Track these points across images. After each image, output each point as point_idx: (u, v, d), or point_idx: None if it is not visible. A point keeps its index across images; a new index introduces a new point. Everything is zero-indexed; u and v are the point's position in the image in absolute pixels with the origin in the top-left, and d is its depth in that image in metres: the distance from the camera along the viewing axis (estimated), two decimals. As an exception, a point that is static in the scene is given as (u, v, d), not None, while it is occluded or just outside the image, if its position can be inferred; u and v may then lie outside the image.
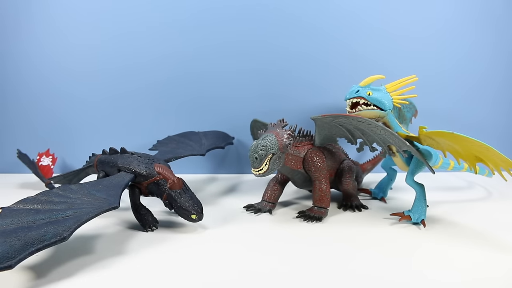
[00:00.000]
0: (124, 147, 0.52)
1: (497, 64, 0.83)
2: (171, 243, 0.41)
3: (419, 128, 0.46)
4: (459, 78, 0.83)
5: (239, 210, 0.54)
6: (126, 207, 0.49)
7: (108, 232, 0.45)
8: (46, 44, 0.76)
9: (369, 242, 0.42)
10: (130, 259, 0.37)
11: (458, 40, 0.81)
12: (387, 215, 0.51)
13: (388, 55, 0.79)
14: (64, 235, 0.32)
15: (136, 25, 0.76)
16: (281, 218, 0.51)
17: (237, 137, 0.76)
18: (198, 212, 0.44)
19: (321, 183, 0.51)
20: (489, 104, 0.84)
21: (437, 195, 0.62)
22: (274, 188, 0.55)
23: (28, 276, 0.33)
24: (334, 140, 0.53)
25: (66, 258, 0.37)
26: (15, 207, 0.36)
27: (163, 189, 0.45)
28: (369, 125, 0.46)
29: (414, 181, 0.50)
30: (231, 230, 0.45)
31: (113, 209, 0.38)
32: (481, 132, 0.82)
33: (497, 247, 0.41)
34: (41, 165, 0.69)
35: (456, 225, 0.48)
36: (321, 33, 0.78)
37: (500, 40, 0.82)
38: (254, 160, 0.46)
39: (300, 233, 0.45)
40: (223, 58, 0.77)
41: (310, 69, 0.79)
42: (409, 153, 0.50)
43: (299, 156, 0.52)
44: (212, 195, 0.63)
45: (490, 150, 0.41)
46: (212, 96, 0.79)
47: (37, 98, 0.77)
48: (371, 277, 0.34)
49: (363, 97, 0.49)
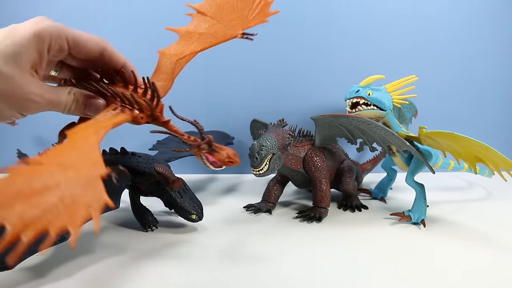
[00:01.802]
0: (124, 147, 0.52)
1: (498, 64, 0.83)
2: (171, 243, 0.41)
3: (419, 128, 0.46)
4: (459, 78, 0.83)
5: (239, 210, 0.54)
6: (126, 207, 0.49)
7: (108, 232, 0.45)
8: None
9: (369, 242, 0.42)
10: (130, 259, 0.37)
11: (460, 41, 0.81)
12: (387, 215, 0.51)
13: (388, 55, 0.79)
14: (64, 235, 0.32)
15: (136, 24, 0.76)
16: (281, 218, 0.51)
17: (237, 137, 0.76)
18: (198, 212, 0.44)
19: (321, 183, 0.51)
20: (489, 104, 0.84)
21: (437, 195, 0.62)
22: (274, 188, 0.55)
23: (28, 276, 0.33)
24: (334, 140, 0.53)
25: (66, 258, 0.37)
26: (15, 207, 0.36)
27: (163, 189, 0.45)
28: (369, 125, 0.46)
29: (414, 181, 0.50)
30: (231, 230, 0.45)
31: (112, 209, 0.38)
32: (481, 132, 0.82)
33: (497, 247, 0.41)
34: (41, 165, 0.68)
35: (456, 225, 0.48)
36: (321, 33, 0.78)
37: (502, 41, 0.82)
38: (254, 160, 0.46)
39: (300, 233, 0.45)
40: (223, 58, 0.77)
41: (311, 69, 0.79)
42: (409, 153, 0.50)
43: (299, 156, 0.52)
44: (212, 195, 0.63)
45: (490, 150, 0.41)
46: (212, 96, 0.79)
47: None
48: (371, 276, 0.34)
49: (363, 97, 0.49)
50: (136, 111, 0.35)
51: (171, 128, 0.36)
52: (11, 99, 0.28)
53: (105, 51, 0.33)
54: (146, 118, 0.36)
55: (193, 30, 0.42)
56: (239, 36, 0.41)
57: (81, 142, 0.30)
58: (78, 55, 0.32)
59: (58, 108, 0.31)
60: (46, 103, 0.30)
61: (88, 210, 0.23)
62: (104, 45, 0.33)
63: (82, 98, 0.33)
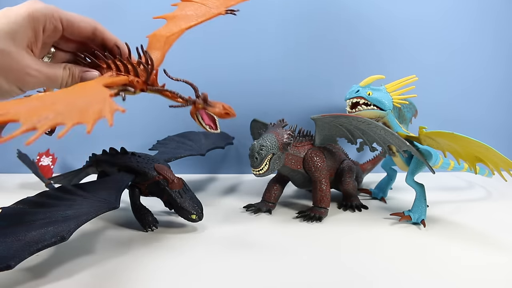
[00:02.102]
0: (124, 147, 0.52)
1: (497, 63, 0.83)
2: (171, 243, 0.41)
3: (419, 128, 0.46)
4: (459, 78, 0.83)
5: (239, 210, 0.54)
6: (126, 207, 0.49)
7: (108, 232, 0.45)
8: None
9: (369, 242, 0.42)
10: (130, 259, 0.37)
11: (458, 39, 0.81)
12: (387, 215, 0.51)
13: (388, 55, 0.79)
14: (64, 235, 0.32)
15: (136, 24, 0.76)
16: (281, 218, 0.51)
17: (237, 137, 0.76)
18: (198, 212, 0.44)
19: (321, 183, 0.51)
20: (489, 103, 0.84)
21: (437, 195, 0.62)
22: (274, 188, 0.55)
23: (28, 276, 0.33)
24: (334, 140, 0.53)
25: (66, 258, 0.37)
26: (15, 207, 0.36)
27: (163, 189, 0.45)
28: (369, 125, 0.46)
29: (414, 181, 0.50)
30: (231, 230, 0.45)
31: (112, 209, 0.38)
32: (481, 132, 0.82)
33: (497, 247, 0.41)
34: (41, 165, 0.69)
35: (456, 225, 0.48)
36: (321, 33, 0.78)
37: (499, 38, 0.82)
38: (254, 160, 0.46)
39: (300, 233, 0.45)
40: (223, 58, 0.77)
41: (310, 69, 0.79)
42: (409, 153, 0.50)
43: (299, 156, 0.52)
44: (212, 195, 0.63)
45: (490, 150, 0.41)
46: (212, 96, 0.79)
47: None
48: (371, 276, 0.34)
49: (363, 97, 0.49)
50: (132, 76, 0.36)
51: (165, 91, 0.38)
52: (9, 73, 0.29)
53: (96, 31, 0.34)
54: (142, 83, 0.37)
55: (179, 14, 0.45)
56: (223, 13, 0.44)
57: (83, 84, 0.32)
58: (71, 36, 0.33)
59: (55, 83, 0.32)
60: (44, 78, 0.31)
61: (100, 113, 0.24)
62: (95, 25, 0.34)
63: (77, 71, 0.34)
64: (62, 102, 0.25)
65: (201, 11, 0.45)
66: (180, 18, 0.44)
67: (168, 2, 0.46)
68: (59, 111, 0.23)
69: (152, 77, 0.38)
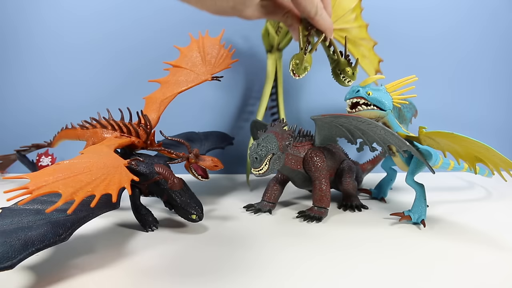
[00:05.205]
0: (124, 147, 0.52)
1: (497, 63, 0.83)
2: (171, 243, 0.41)
3: (419, 128, 0.46)
4: (460, 78, 0.83)
5: (239, 210, 0.54)
6: (126, 207, 0.49)
7: (108, 232, 0.45)
8: (46, 43, 0.76)
9: (369, 242, 0.42)
10: (130, 259, 0.37)
11: (458, 39, 0.81)
12: (387, 215, 0.51)
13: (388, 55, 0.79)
14: (64, 235, 0.32)
15: (136, 24, 0.76)
16: (281, 218, 0.51)
17: (237, 137, 0.76)
18: (198, 212, 0.44)
19: (321, 183, 0.51)
20: (489, 103, 0.84)
21: (437, 195, 0.62)
22: (274, 188, 0.55)
23: (28, 276, 0.33)
24: (334, 140, 0.53)
25: (66, 258, 0.37)
26: (15, 207, 0.36)
27: (163, 189, 0.45)
28: (369, 125, 0.46)
29: (414, 181, 0.50)
30: (231, 230, 0.45)
31: (112, 209, 0.38)
32: (481, 132, 0.82)
33: (497, 247, 0.41)
34: (41, 165, 0.69)
35: (456, 225, 0.48)
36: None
37: (499, 38, 0.82)
38: (254, 160, 0.46)
39: (300, 233, 0.45)
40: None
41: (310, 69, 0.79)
42: (409, 153, 0.50)
43: (299, 156, 0.52)
44: (212, 195, 0.63)
45: (490, 150, 0.41)
46: (212, 96, 0.79)
47: (37, 98, 0.77)
48: (371, 276, 0.34)
49: (363, 97, 0.49)
50: (134, 137, 0.47)
51: (162, 150, 0.47)
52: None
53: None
54: (142, 143, 0.48)
55: (172, 79, 0.53)
56: (209, 79, 0.52)
57: (98, 149, 0.39)
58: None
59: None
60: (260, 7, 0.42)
61: (120, 183, 0.32)
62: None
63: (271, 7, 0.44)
64: (87, 173, 0.31)
65: (191, 77, 0.52)
66: (172, 83, 0.52)
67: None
68: (87, 181, 0.30)
69: (151, 138, 0.48)
